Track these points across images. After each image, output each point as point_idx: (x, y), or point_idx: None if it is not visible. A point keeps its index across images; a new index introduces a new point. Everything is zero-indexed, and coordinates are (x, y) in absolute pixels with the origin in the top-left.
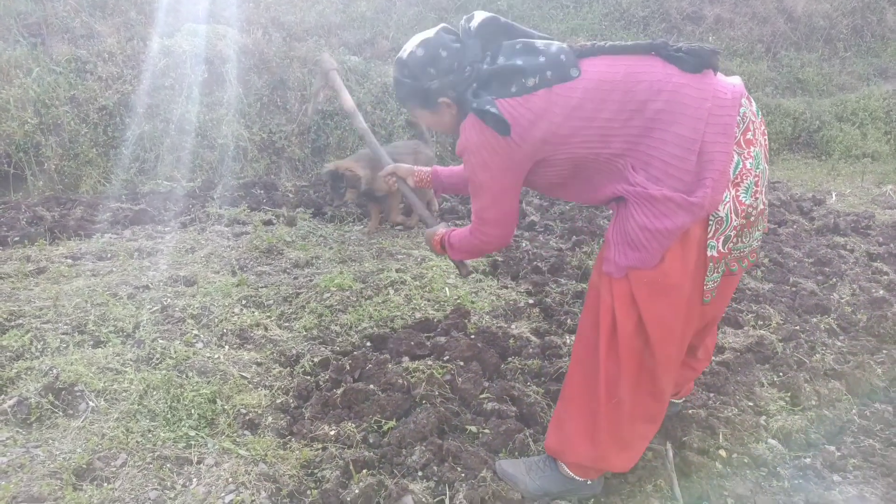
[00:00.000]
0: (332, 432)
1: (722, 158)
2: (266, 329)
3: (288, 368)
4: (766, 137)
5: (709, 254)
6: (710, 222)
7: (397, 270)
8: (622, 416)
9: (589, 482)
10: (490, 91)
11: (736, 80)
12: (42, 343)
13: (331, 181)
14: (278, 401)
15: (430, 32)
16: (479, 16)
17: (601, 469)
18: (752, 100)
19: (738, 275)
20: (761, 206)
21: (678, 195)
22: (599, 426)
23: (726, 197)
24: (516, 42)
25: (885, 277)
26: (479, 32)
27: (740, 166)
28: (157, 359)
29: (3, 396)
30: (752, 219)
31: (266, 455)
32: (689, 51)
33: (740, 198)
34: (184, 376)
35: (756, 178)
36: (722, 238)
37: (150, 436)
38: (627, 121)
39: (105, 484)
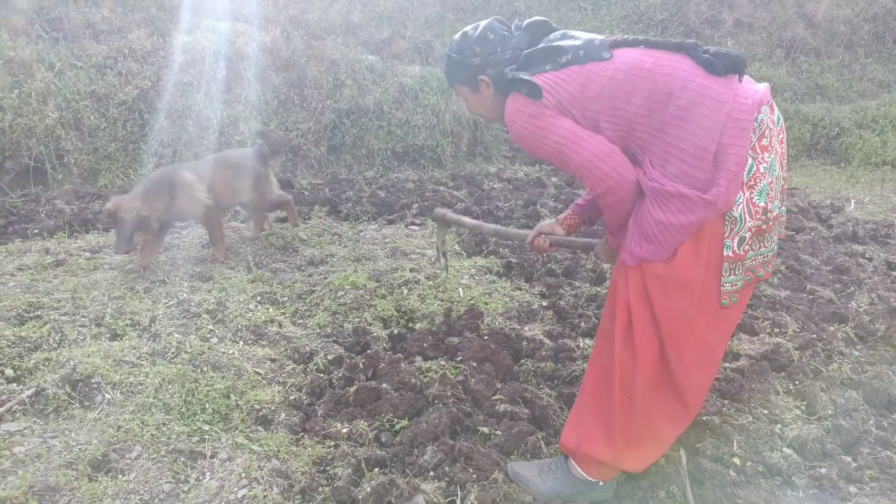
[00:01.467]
0: (345, 430)
1: (736, 160)
2: (280, 326)
3: (301, 365)
4: (783, 146)
5: (724, 253)
6: (726, 222)
7: (411, 270)
8: (635, 413)
9: (601, 484)
10: (528, 71)
11: (761, 87)
12: (60, 335)
13: (114, 225)
14: (291, 397)
15: (484, 21)
16: (533, 18)
17: (614, 467)
18: (776, 108)
19: (756, 282)
20: (776, 213)
21: (693, 192)
22: (614, 422)
23: (740, 198)
24: (558, 33)
25: None
26: (528, 28)
27: (754, 169)
28: (173, 353)
29: (21, 387)
30: (770, 223)
31: (279, 451)
32: (718, 54)
33: (754, 200)
34: (198, 371)
35: (770, 183)
36: (737, 238)
37: (164, 429)
38: (651, 111)
39: (120, 476)
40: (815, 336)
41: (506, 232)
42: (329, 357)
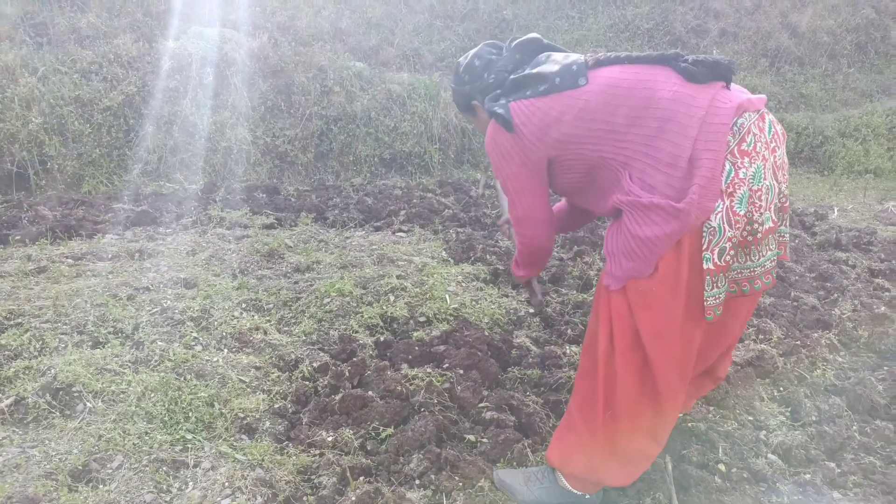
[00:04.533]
0: (330, 438)
1: (709, 165)
2: (265, 333)
3: (287, 373)
4: (776, 155)
5: (704, 266)
6: (704, 233)
7: (398, 277)
8: (619, 430)
9: (587, 497)
10: (511, 96)
11: (753, 96)
12: (41, 343)
13: None
14: (276, 405)
15: (475, 48)
16: (523, 36)
17: (597, 482)
18: (768, 117)
19: (753, 297)
20: (769, 225)
21: (666, 202)
22: (597, 439)
23: (719, 206)
24: (543, 55)
25: (887, 294)
26: (517, 48)
27: (732, 175)
28: (156, 361)
29: (0, 396)
30: (759, 236)
31: (263, 460)
32: (697, 62)
33: (734, 208)
34: (182, 379)
35: (755, 192)
36: (717, 250)
37: (146, 438)
38: (630, 127)
39: (101, 486)
40: (799, 343)
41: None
42: (314, 365)
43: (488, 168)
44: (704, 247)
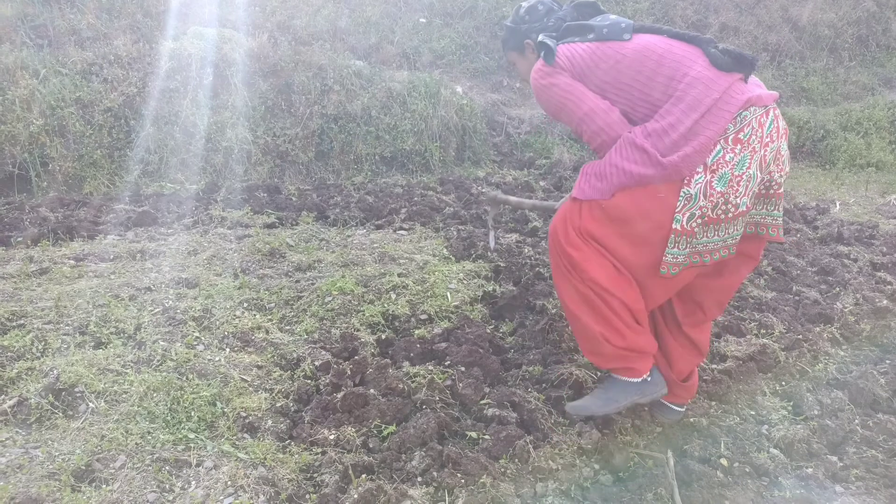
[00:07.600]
0: (332, 436)
1: (704, 141)
2: (267, 332)
3: (288, 372)
4: (767, 149)
5: (672, 226)
6: (681, 197)
7: (399, 275)
8: (605, 307)
9: (648, 379)
10: (560, 40)
11: (765, 92)
12: (43, 344)
13: None
14: (278, 404)
15: None
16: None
17: (635, 350)
18: (772, 113)
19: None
20: (743, 209)
21: (654, 151)
22: (595, 307)
23: (701, 178)
24: (599, 16)
25: (889, 287)
26: (576, 7)
27: (719, 156)
28: (158, 361)
29: (3, 397)
30: (731, 216)
31: (265, 459)
32: (725, 51)
33: (713, 184)
34: (184, 378)
35: (737, 177)
36: (687, 214)
37: (149, 438)
38: (651, 89)
39: (104, 486)
40: (801, 337)
41: (542, 205)
42: (316, 363)
43: (489, 223)
44: (678, 209)
